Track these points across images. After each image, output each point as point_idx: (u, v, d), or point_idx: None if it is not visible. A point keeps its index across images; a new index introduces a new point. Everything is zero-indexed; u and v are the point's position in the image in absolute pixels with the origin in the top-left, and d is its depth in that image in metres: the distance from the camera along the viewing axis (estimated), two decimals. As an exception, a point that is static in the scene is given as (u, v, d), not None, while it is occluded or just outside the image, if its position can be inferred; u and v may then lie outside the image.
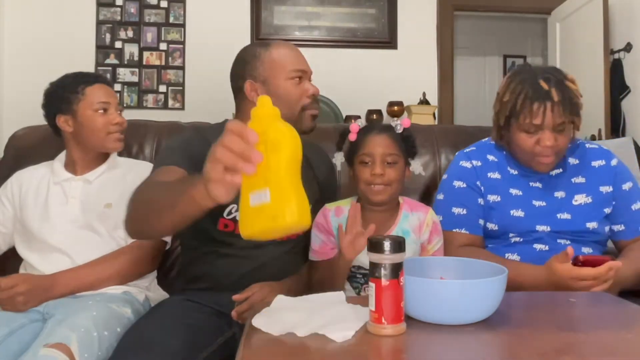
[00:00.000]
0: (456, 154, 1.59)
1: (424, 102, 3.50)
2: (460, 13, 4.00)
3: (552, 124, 1.33)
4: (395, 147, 1.34)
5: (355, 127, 1.37)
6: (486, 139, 1.57)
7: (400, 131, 1.36)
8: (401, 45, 3.70)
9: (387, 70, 3.66)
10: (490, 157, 1.51)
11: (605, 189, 1.44)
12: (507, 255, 1.42)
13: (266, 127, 0.79)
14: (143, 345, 1.15)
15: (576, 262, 1.22)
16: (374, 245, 0.82)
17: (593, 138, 3.29)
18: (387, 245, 0.81)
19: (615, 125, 3.39)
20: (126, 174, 1.59)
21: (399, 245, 0.82)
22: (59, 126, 1.57)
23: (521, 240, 1.42)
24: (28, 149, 1.79)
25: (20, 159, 1.76)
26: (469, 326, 0.88)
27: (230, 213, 1.37)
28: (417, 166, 1.41)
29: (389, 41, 3.69)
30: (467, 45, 5.49)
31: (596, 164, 1.48)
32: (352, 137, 1.37)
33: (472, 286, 0.88)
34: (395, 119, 1.42)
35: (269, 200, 0.76)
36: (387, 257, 0.82)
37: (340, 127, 2.20)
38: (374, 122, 1.52)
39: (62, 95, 1.56)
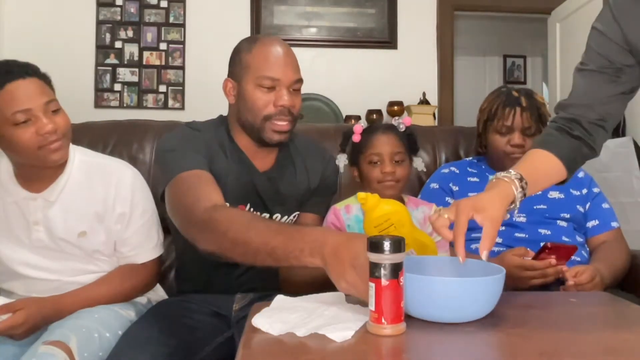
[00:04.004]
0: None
1: (424, 102, 3.50)
2: (460, 13, 4.00)
3: (521, 127, 1.57)
4: (400, 145, 1.40)
5: (358, 128, 1.41)
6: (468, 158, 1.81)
7: (402, 130, 1.40)
8: (401, 45, 3.70)
9: (387, 70, 3.66)
10: (470, 169, 1.72)
11: (577, 192, 1.63)
12: None
13: (385, 213, 1.07)
14: (140, 344, 1.15)
15: (544, 248, 1.32)
16: (374, 245, 0.82)
17: (593, 138, 3.28)
18: (386, 245, 0.81)
19: (616, 126, 3.39)
20: (93, 184, 1.34)
21: (398, 245, 0.82)
22: None
23: (504, 228, 1.52)
24: (28, 149, 1.79)
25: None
26: (469, 326, 0.88)
27: None
28: (419, 163, 1.47)
29: (389, 41, 3.68)
30: (467, 45, 5.49)
31: None
32: (356, 138, 1.41)
33: (470, 284, 0.88)
34: (397, 117, 1.46)
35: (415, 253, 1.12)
36: (386, 257, 0.82)
37: (340, 127, 2.21)
38: (375, 122, 1.55)
39: None
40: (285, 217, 1.40)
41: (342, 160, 1.45)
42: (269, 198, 1.38)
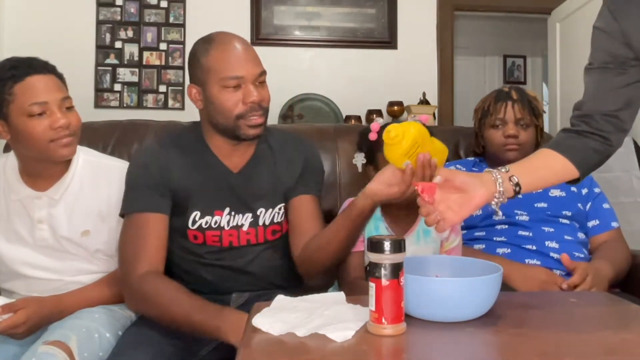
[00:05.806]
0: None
1: (424, 102, 3.49)
2: (460, 13, 3.99)
3: (514, 118, 1.63)
4: None
5: (375, 126, 1.39)
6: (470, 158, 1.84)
7: None
8: (401, 45, 3.69)
9: (387, 70, 3.65)
10: (474, 169, 1.75)
11: (577, 191, 1.65)
12: (494, 238, 1.58)
13: (413, 138, 1.10)
14: (141, 344, 1.15)
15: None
16: (374, 245, 0.83)
17: (593, 138, 3.28)
18: (387, 245, 0.81)
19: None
20: (96, 184, 1.37)
21: (399, 245, 0.82)
22: None
23: (506, 227, 1.58)
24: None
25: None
26: (469, 326, 0.88)
27: (194, 222, 1.34)
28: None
29: (389, 41, 3.68)
30: (467, 45, 5.48)
31: None
32: (373, 136, 1.38)
33: (469, 284, 0.89)
34: (414, 115, 1.44)
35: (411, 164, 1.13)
36: (387, 257, 0.82)
37: (340, 127, 2.21)
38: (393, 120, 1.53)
39: None
40: (270, 210, 1.38)
41: (359, 159, 1.42)
42: (249, 195, 1.36)
